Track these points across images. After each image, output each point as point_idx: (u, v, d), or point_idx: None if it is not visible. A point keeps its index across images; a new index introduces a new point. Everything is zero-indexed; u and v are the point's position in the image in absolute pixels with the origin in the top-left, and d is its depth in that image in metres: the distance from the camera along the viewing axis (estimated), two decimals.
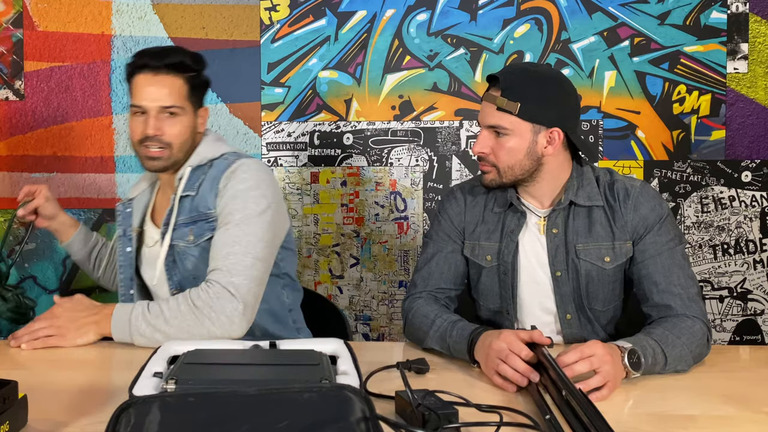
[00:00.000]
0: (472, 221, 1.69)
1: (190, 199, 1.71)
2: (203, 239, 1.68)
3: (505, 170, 1.57)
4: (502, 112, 1.53)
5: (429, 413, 1.04)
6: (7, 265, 1.82)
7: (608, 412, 1.06)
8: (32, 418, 1.09)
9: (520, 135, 1.54)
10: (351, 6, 2.55)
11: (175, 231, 1.70)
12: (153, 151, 1.70)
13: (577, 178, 1.61)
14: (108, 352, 1.55)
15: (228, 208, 1.65)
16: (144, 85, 1.69)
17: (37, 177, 2.59)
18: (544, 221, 1.62)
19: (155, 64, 1.69)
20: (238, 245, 1.60)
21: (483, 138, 1.58)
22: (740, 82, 2.50)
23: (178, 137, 1.71)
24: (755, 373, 1.44)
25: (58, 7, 2.56)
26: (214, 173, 1.71)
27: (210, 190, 1.69)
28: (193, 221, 1.70)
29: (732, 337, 2.56)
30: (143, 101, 1.69)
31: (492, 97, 1.55)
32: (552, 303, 1.64)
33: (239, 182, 1.67)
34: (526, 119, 1.53)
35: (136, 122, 1.71)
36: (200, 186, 1.71)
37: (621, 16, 2.51)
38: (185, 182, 1.72)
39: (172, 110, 1.70)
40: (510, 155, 1.55)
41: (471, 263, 1.69)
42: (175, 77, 1.71)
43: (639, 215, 1.57)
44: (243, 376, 1.09)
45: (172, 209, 1.71)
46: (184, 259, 1.70)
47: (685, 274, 1.54)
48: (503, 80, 1.53)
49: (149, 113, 1.69)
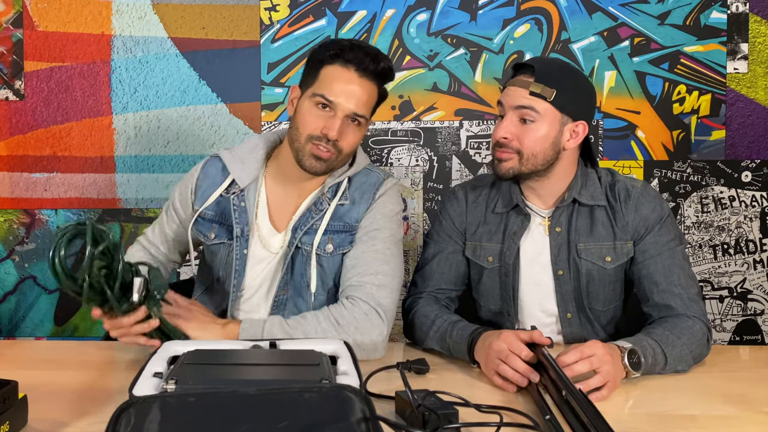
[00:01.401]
0: (474, 222, 1.68)
1: (340, 208, 1.61)
2: (341, 251, 1.60)
3: (529, 157, 1.53)
4: (534, 97, 1.51)
5: (429, 413, 1.04)
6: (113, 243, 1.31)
7: (608, 412, 1.06)
8: (32, 418, 1.09)
9: (549, 123, 1.52)
10: (351, 6, 2.55)
11: (309, 236, 1.59)
12: (323, 152, 1.52)
13: (582, 177, 1.61)
14: (108, 352, 1.55)
15: (376, 224, 1.59)
16: (345, 82, 1.51)
17: (37, 177, 2.59)
18: (548, 221, 1.62)
19: (368, 67, 1.52)
20: (387, 265, 1.54)
21: (508, 123, 1.53)
22: (740, 82, 2.50)
23: (352, 147, 1.57)
24: (755, 373, 1.44)
25: (58, 7, 2.56)
26: (364, 187, 1.63)
27: (360, 203, 1.61)
28: (336, 231, 1.60)
29: (732, 337, 2.56)
30: (338, 98, 1.51)
31: (525, 82, 1.52)
32: (553, 304, 1.64)
33: (391, 203, 1.63)
34: (558, 107, 1.52)
35: (316, 115, 1.52)
36: (351, 197, 1.62)
37: (621, 16, 2.51)
38: (342, 191, 1.61)
39: (359, 120, 1.54)
40: (536, 142, 1.52)
41: (472, 264, 1.69)
42: (374, 85, 1.55)
43: (640, 215, 1.57)
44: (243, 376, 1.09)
45: (324, 216, 1.60)
46: (307, 267, 1.60)
47: (686, 274, 1.54)
48: (539, 67, 1.51)
49: (337, 113, 1.51)
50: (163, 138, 2.58)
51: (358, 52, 1.52)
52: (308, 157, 1.53)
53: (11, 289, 2.61)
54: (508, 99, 1.54)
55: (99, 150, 2.59)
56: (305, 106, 1.54)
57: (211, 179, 1.66)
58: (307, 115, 1.53)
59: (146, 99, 2.58)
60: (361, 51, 1.52)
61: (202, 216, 1.65)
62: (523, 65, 1.55)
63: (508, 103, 1.54)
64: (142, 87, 2.57)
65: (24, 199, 2.60)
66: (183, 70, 2.57)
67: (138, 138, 2.59)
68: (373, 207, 1.62)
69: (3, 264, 2.60)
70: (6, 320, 2.62)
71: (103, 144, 2.59)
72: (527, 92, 1.51)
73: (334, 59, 1.52)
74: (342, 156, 1.56)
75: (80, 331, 2.62)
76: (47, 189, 2.60)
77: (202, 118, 2.58)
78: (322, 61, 1.54)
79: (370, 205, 1.61)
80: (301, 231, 1.59)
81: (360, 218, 1.60)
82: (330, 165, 1.55)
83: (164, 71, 2.57)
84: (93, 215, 2.60)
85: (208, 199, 1.64)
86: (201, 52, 2.58)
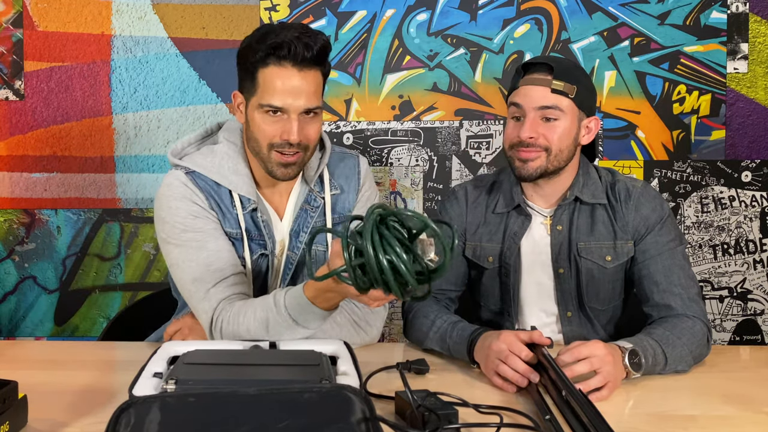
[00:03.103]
0: (474, 222, 1.68)
1: (332, 198, 1.57)
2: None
3: (557, 154, 1.54)
4: (556, 94, 1.52)
5: (429, 414, 1.04)
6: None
7: (608, 412, 1.06)
8: (32, 418, 1.09)
9: (570, 119, 1.53)
10: (351, 6, 2.55)
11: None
12: (290, 157, 1.45)
13: (583, 175, 1.62)
14: (108, 352, 1.55)
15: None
16: (286, 82, 1.41)
17: (37, 177, 2.59)
18: (549, 220, 1.62)
19: (304, 57, 1.40)
20: None
21: (532, 122, 1.52)
22: (740, 82, 2.50)
23: (316, 139, 1.50)
24: (755, 373, 1.44)
25: (58, 7, 2.56)
26: (345, 172, 1.59)
27: (349, 191, 1.58)
28: (335, 223, 1.57)
29: (732, 337, 2.56)
30: (286, 100, 1.42)
31: (545, 81, 1.52)
32: (553, 304, 1.64)
33: (374, 185, 1.64)
34: (577, 104, 1.53)
35: (270, 123, 1.44)
36: (338, 185, 1.58)
37: (621, 16, 2.51)
38: (328, 181, 1.56)
39: (314, 111, 1.46)
40: (562, 139, 1.53)
41: (472, 264, 1.69)
42: (316, 71, 1.45)
43: (640, 215, 1.57)
44: (243, 376, 1.09)
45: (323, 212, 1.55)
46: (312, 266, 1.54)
47: (686, 274, 1.54)
48: (557, 65, 1.52)
49: (290, 115, 1.43)
50: (163, 138, 2.58)
51: (287, 45, 1.39)
52: (277, 167, 1.46)
53: (11, 289, 2.61)
54: (527, 100, 1.53)
55: (99, 150, 2.59)
56: (256, 117, 1.45)
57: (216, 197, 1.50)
58: (262, 125, 1.44)
59: (146, 99, 2.58)
60: (289, 41, 1.39)
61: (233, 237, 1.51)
62: (534, 64, 1.55)
63: (528, 104, 1.53)
64: (142, 87, 2.57)
65: (24, 199, 2.60)
66: (183, 70, 2.57)
67: (138, 138, 2.59)
68: (362, 193, 1.61)
69: (3, 264, 2.60)
70: (6, 320, 2.62)
71: (102, 144, 2.59)
72: (548, 90, 1.51)
73: (266, 60, 1.41)
74: (310, 151, 1.49)
75: (80, 331, 2.62)
76: (47, 189, 2.60)
77: (202, 118, 2.58)
78: (254, 64, 1.43)
79: (359, 191, 1.61)
80: (304, 233, 1.55)
81: (352, 206, 1.60)
82: (301, 165, 1.49)
83: (164, 71, 2.57)
84: (93, 215, 2.60)
85: (228, 218, 1.49)
86: (201, 52, 2.57)
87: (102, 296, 2.61)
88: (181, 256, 1.45)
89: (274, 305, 1.32)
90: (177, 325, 1.55)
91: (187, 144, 1.57)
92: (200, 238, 1.45)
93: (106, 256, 2.60)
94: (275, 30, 1.42)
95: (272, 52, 1.40)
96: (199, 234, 1.45)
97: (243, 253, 1.49)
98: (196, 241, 1.44)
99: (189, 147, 1.57)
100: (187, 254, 1.44)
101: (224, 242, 1.47)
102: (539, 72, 1.53)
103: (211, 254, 1.44)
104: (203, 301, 1.41)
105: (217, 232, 1.47)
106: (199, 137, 1.60)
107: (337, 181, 1.59)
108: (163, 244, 1.50)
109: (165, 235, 1.47)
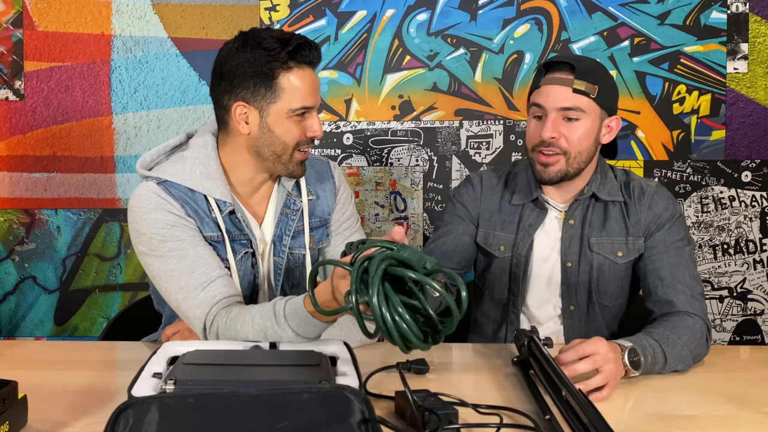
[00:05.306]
0: (488, 209, 1.69)
1: (309, 203, 1.59)
2: (319, 246, 1.61)
3: (575, 156, 1.54)
4: (578, 94, 1.51)
5: (429, 414, 1.04)
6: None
7: (608, 412, 1.06)
8: (32, 418, 1.09)
9: (592, 119, 1.53)
10: (351, 6, 2.55)
11: (296, 239, 1.57)
12: (307, 153, 1.51)
13: (601, 173, 1.63)
14: (108, 352, 1.55)
15: (347, 214, 1.64)
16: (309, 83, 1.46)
17: (37, 177, 2.59)
18: (563, 215, 1.63)
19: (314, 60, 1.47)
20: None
21: (553, 122, 1.52)
22: (740, 82, 2.50)
23: None
24: (755, 373, 1.44)
25: (58, 7, 2.56)
26: (318, 176, 1.62)
27: (326, 195, 1.61)
28: (315, 227, 1.60)
29: (732, 337, 2.56)
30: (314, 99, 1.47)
31: (566, 80, 1.52)
32: (559, 297, 1.64)
33: (348, 187, 1.67)
34: (599, 104, 1.53)
35: (297, 123, 1.46)
36: (313, 191, 1.61)
37: (621, 16, 2.51)
38: (305, 185, 1.59)
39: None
40: (581, 140, 1.53)
41: (482, 251, 1.69)
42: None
43: (653, 213, 1.59)
44: (243, 376, 1.09)
45: (301, 215, 1.57)
46: (294, 269, 1.58)
47: (691, 273, 1.54)
48: (578, 65, 1.52)
49: (314, 112, 1.49)
50: (163, 138, 2.58)
51: (305, 47, 1.43)
52: (298, 166, 1.49)
53: (11, 289, 2.61)
54: (549, 100, 1.53)
55: (99, 150, 2.59)
56: (284, 123, 1.44)
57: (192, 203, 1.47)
58: (292, 128, 1.45)
59: (146, 99, 2.58)
60: (303, 43, 1.42)
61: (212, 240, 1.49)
62: (556, 63, 1.55)
63: (549, 104, 1.53)
64: (142, 87, 2.57)
65: (24, 199, 2.60)
66: (183, 70, 2.57)
67: (138, 138, 2.59)
68: (339, 196, 1.64)
69: (3, 264, 2.60)
70: (6, 320, 2.62)
71: (102, 144, 2.59)
72: (570, 90, 1.51)
73: (287, 65, 1.42)
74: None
75: (80, 331, 2.62)
76: (47, 189, 2.60)
77: (202, 118, 2.58)
78: (273, 70, 1.42)
79: (336, 196, 1.63)
80: (287, 236, 1.56)
81: (330, 210, 1.62)
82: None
83: (164, 71, 2.57)
84: (93, 215, 2.60)
85: (207, 222, 1.47)
86: (201, 52, 2.57)
87: (102, 296, 2.61)
88: (164, 266, 1.42)
89: (274, 315, 1.31)
90: (176, 327, 1.55)
91: (156, 155, 1.54)
92: (180, 246, 1.42)
93: (106, 256, 2.60)
94: (273, 35, 1.43)
95: (291, 58, 1.42)
96: (179, 242, 1.42)
97: (226, 255, 1.48)
98: (177, 250, 1.41)
99: (159, 157, 1.54)
100: (169, 264, 1.41)
101: (204, 248, 1.44)
102: (561, 71, 1.53)
103: (193, 261, 1.41)
104: (193, 308, 1.39)
105: (196, 239, 1.44)
106: (167, 148, 1.57)
107: (311, 187, 1.61)
108: (142, 257, 1.46)
109: (144, 247, 1.44)
